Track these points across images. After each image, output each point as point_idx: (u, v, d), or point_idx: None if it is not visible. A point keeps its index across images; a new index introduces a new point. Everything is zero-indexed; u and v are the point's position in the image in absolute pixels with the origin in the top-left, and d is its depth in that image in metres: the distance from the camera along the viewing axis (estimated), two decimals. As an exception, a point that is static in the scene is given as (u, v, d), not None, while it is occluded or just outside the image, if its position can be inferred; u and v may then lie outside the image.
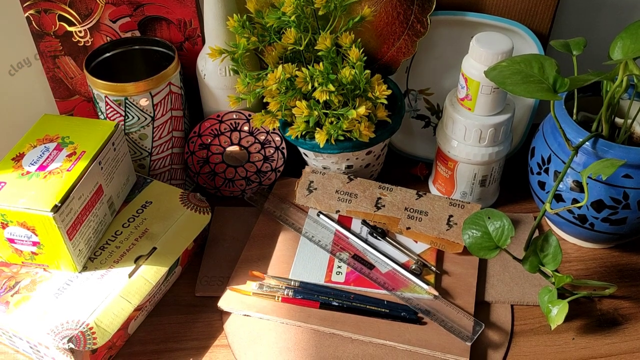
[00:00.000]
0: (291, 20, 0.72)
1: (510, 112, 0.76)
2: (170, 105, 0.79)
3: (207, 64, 0.80)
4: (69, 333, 0.62)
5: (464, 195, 0.82)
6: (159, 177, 0.83)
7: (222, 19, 0.76)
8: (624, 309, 0.72)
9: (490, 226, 0.67)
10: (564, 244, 0.79)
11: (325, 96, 0.72)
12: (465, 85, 0.74)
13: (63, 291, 0.67)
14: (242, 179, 0.84)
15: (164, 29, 0.82)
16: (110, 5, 0.79)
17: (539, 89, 0.63)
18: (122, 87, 0.75)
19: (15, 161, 0.68)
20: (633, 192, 0.68)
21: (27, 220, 0.64)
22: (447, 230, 0.75)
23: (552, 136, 0.73)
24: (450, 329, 0.67)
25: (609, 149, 0.67)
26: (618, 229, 0.72)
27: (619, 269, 0.77)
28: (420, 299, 0.70)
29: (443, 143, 0.79)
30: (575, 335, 0.69)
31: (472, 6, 0.81)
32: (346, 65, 0.74)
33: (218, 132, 0.83)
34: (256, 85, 0.75)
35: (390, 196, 0.79)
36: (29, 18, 0.78)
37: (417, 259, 0.74)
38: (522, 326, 0.70)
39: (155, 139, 0.80)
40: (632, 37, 0.65)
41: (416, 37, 0.81)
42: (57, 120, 0.74)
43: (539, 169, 0.75)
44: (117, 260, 0.70)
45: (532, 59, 0.66)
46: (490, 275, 0.74)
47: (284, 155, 0.83)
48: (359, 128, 0.74)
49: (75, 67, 0.83)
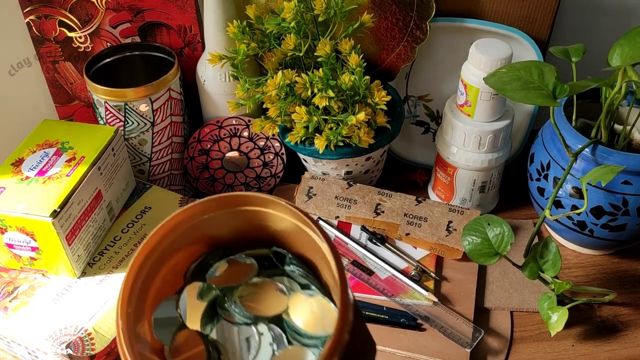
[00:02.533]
0: (291, 26, 0.72)
1: (509, 118, 0.76)
2: (170, 111, 0.79)
3: (207, 70, 0.80)
4: (68, 339, 0.62)
5: (464, 201, 0.82)
6: (158, 182, 0.83)
7: (222, 25, 0.76)
8: (624, 316, 0.72)
9: (489, 232, 0.67)
10: (564, 251, 0.79)
11: (324, 102, 0.72)
12: (464, 91, 0.74)
13: (62, 297, 0.66)
14: (241, 185, 0.84)
15: (164, 34, 0.82)
16: (110, 11, 0.79)
17: (538, 96, 0.63)
18: (122, 93, 0.75)
19: (15, 166, 0.68)
20: (632, 198, 0.68)
21: (26, 225, 0.64)
22: (446, 237, 0.75)
23: (551, 142, 0.73)
24: (449, 335, 0.67)
25: (608, 155, 0.67)
26: (617, 236, 0.72)
27: (619, 276, 0.76)
28: (420, 305, 0.70)
29: (442, 149, 0.79)
30: (575, 342, 0.69)
31: (471, 13, 0.81)
32: (346, 71, 0.74)
33: (218, 137, 0.83)
34: (256, 91, 0.76)
35: (389, 202, 0.79)
36: (30, 23, 0.78)
37: (416, 265, 0.74)
38: (521, 333, 0.70)
39: (154, 144, 0.80)
40: (630, 44, 0.66)
41: (415, 43, 0.81)
42: (57, 125, 0.74)
43: (538, 175, 0.75)
44: (116, 266, 0.70)
45: (532, 66, 0.66)
46: (489, 281, 0.74)
47: (283, 161, 0.83)
48: (358, 134, 0.74)
49: (75, 72, 0.83)
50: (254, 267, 0.44)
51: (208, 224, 0.44)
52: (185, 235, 0.44)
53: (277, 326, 0.43)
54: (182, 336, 0.42)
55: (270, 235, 0.45)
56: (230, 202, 0.43)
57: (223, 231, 0.45)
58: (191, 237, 0.44)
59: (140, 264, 0.42)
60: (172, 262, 0.44)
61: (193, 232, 0.44)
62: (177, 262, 0.45)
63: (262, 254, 0.46)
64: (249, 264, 0.44)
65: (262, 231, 0.45)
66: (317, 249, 0.40)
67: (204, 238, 0.45)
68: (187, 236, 0.44)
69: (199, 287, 0.44)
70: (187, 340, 0.42)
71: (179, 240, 0.44)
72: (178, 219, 0.43)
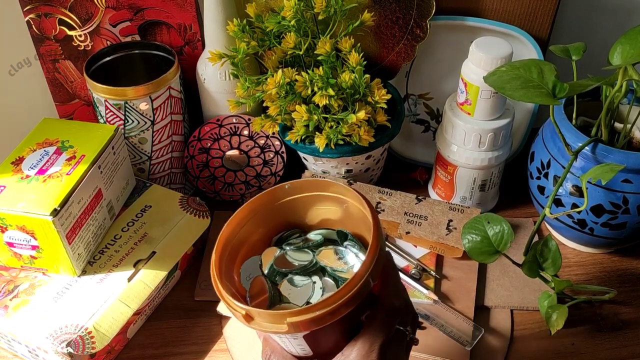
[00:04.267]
0: (291, 24, 0.72)
1: (509, 117, 0.76)
2: (170, 110, 0.79)
3: (207, 68, 0.80)
4: (68, 337, 0.62)
5: (464, 199, 0.82)
6: (158, 181, 0.83)
7: (222, 23, 0.76)
8: (624, 314, 0.72)
9: (489, 231, 0.67)
10: (564, 249, 0.79)
11: (324, 100, 0.72)
12: (464, 89, 0.74)
13: (62, 295, 0.66)
14: (241, 183, 0.84)
15: (164, 33, 0.82)
16: (110, 9, 0.79)
17: (538, 94, 0.63)
18: (122, 91, 0.75)
19: (15, 165, 0.68)
20: (632, 196, 0.68)
21: (27, 224, 0.64)
22: (446, 235, 0.75)
23: (551, 141, 0.73)
24: (449, 333, 0.67)
25: (608, 153, 0.67)
26: (617, 234, 0.72)
27: (619, 274, 0.76)
28: (420, 304, 0.70)
29: (442, 147, 0.79)
30: (575, 341, 0.69)
31: (471, 11, 0.81)
32: (346, 69, 0.74)
33: (218, 136, 0.83)
34: (256, 89, 0.76)
35: (389, 200, 0.79)
36: (29, 22, 0.78)
37: (416, 263, 0.74)
38: (521, 331, 0.70)
39: (154, 143, 0.80)
40: (631, 43, 0.66)
41: (416, 41, 0.81)
42: (57, 124, 0.74)
43: (538, 174, 0.75)
44: (117, 265, 0.70)
45: (532, 64, 0.66)
46: (489, 279, 0.74)
47: (283, 159, 0.83)
48: (358, 132, 0.74)
49: (75, 71, 0.83)
50: (322, 241, 0.56)
51: (288, 207, 0.56)
52: (268, 214, 0.56)
53: (329, 277, 0.54)
54: (257, 283, 0.54)
55: (338, 219, 0.56)
56: (312, 186, 0.55)
57: (300, 214, 0.57)
58: (272, 217, 0.56)
59: (226, 237, 0.53)
60: (258, 234, 0.56)
61: (274, 213, 0.56)
62: (262, 235, 0.56)
63: (329, 233, 0.57)
64: (318, 239, 0.56)
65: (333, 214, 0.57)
66: (369, 227, 0.49)
67: (284, 218, 0.57)
68: (268, 215, 0.56)
69: (276, 251, 0.56)
70: (260, 287, 0.53)
71: (259, 220, 0.55)
72: (259, 201, 0.55)
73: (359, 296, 0.46)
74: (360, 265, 0.46)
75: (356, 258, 0.54)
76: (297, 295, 0.53)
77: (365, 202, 0.51)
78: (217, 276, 0.49)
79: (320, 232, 0.57)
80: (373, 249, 0.47)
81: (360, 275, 0.46)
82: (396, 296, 0.51)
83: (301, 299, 0.52)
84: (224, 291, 0.48)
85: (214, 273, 0.49)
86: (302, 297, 0.52)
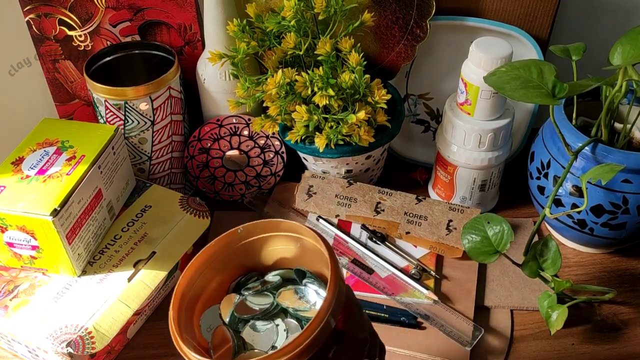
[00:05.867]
0: (291, 24, 0.72)
1: (509, 117, 0.76)
2: (170, 110, 0.79)
3: (207, 69, 0.80)
4: (68, 337, 0.62)
5: (464, 199, 0.82)
6: (158, 181, 0.83)
7: (222, 23, 0.76)
8: (624, 314, 0.72)
9: (489, 231, 0.67)
10: (564, 249, 0.79)
11: (324, 101, 0.72)
12: (464, 90, 0.74)
13: (62, 295, 0.66)
14: (241, 183, 0.84)
15: (164, 33, 0.82)
16: (110, 9, 0.79)
17: (537, 94, 0.63)
18: (122, 91, 0.75)
19: (15, 165, 0.68)
20: (632, 197, 0.68)
21: (27, 224, 0.64)
22: (446, 235, 0.75)
23: (551, 141, 0.73)
24: (449, 334, 0.67)
25: (608, 153, 0.67)
26: (617, 234, 0.72)
27: (619, 274, 0.76)
28: (420, 304, 0.70)
29: (442, 148, 0.79)
30: (574, 341, 0.69)
31: (471, 11, 0.81)
32: (346, 69, 0.74)
33: (218, 136, 0.83)
34: (256, 89, 0.76)
35: (389, 201, 0.79)
36: (29, 22, 0.78)
37: (416, 263, 0.74)
38: (521, 331, 0.70)
39: (154, 143, 0.80)
40: (631, 43, 0.66)
41: (416, 41, 0.81)
42: (57, 124, 0.74)
43: (538, 174, 0.75)
44: (117, 265, 0.70)
45: (532, 64, 0.66)
46: (489, 280, 0.74)
47: (283, 159, 0.83)
48: (358, 132, 0.74)
49: (75, 71, 0.83)
50: (280, 282, 0.56)
51: (243, 251, 0.56)
52: (224, 261, 0.55)
53: (292, 319, 0.54)
54: (218, 333, 0.53)
55: (294, 257, 0.56)
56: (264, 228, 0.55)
57: (255, 257, 0.57)
58: (227, 263, 0.56)
59: (183, 288, 0.52)
60: (216, 282, 0.56)
61: (230, 259, 0.56)
62: (219, 283, 0.56)
63: (287, 273, 0.57)
64: (276, 280, 0.56)
65: (289, 253, 0.56)
66: (326, 261, 0.49)
67: (240, 262, 0.57)
68: (224, 262, 0.55)
69: (235, 297, 0.55)
70: (222, 337, 0.53)
71: (215, 268, 0.55)
72: (213, 249, 0.54)
73: (323, 334, 0.45)
74: (322, 302, 0.46)
75: (317, 295, 0.54)
76: (261, 340, 0.52)
77: (319, 238, 0.50)
78: (176, 331, 0.48)
79: (278, 273, 0.56)
80: (332, 285, 0.46)
81: (323, 314, 0.45)
82: (361, 329, 0.50)
83: (266, 344, 0.52)
84: (184, 347, 0.47)
85: (173, 328, 0.48)
86: (266, 342, 0.52)
